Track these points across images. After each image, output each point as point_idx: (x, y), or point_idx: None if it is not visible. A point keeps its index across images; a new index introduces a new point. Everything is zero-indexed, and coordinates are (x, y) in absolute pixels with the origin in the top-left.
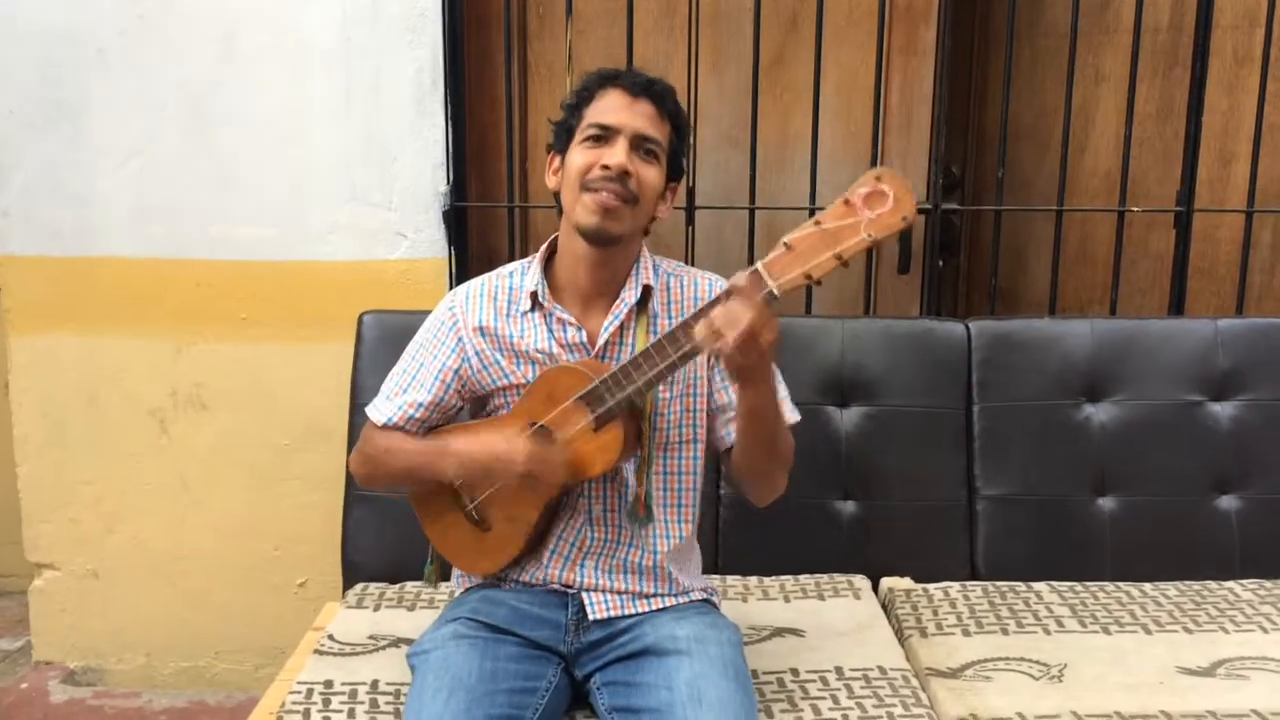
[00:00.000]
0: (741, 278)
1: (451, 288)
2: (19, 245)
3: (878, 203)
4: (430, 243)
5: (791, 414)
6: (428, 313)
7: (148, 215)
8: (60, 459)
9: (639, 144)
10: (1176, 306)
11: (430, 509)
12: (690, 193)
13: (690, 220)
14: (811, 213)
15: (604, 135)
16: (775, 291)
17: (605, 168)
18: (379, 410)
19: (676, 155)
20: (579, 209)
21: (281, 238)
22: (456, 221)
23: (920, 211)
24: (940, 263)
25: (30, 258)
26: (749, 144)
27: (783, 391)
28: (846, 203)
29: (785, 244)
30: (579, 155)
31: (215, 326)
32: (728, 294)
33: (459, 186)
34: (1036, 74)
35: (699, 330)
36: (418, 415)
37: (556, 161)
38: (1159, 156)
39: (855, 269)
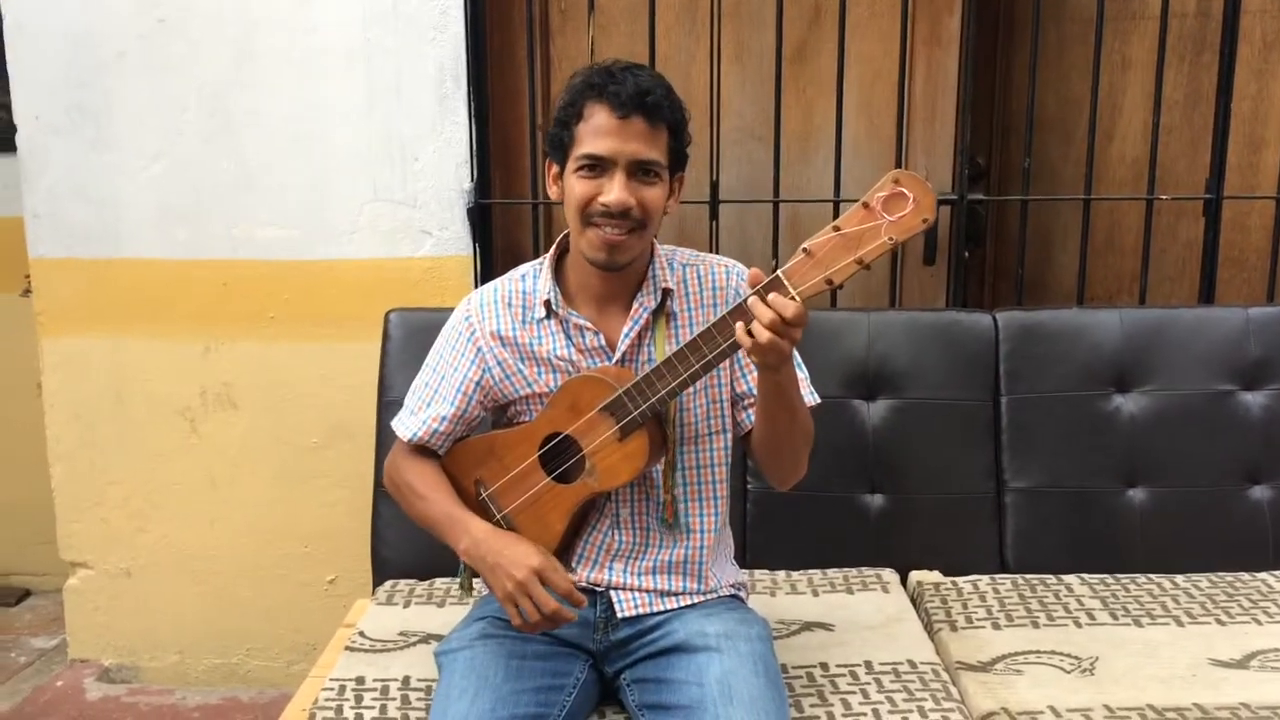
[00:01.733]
0: (759, 275)
1: (477, 284)
2: (48, 248)
3: (897, 206)
4: (455, 240)
5: (811, 396)
6: (453, 310)
7: (172, 217)
8: (92, 459)
9: (636, 169)
10: (1206, 295)
11: None
12: (714, 186)
13: (714, 214)
14: (836, 205)
15: (598, 165)
16: (796, 298)
17: (605, 205)
18: (405, 426)
19: (679, 154)
20: (584, 242)
21: (305, 237)
22: (481, 218)
23: (946, 202)
24: (966, 254)
25: (59, 260)
26: (772, 137)
27: (802, 373)
28: (865, 206)
29: (805, 250)
30: (576, 184)
31: (242, 326)
32: (767, 288)
33: (483, 184)
34: (1062, 62)
35: (739, 330)
36: (442, 429)
37: (555, 169)
38: (1187, 143)
39: (881, 261)
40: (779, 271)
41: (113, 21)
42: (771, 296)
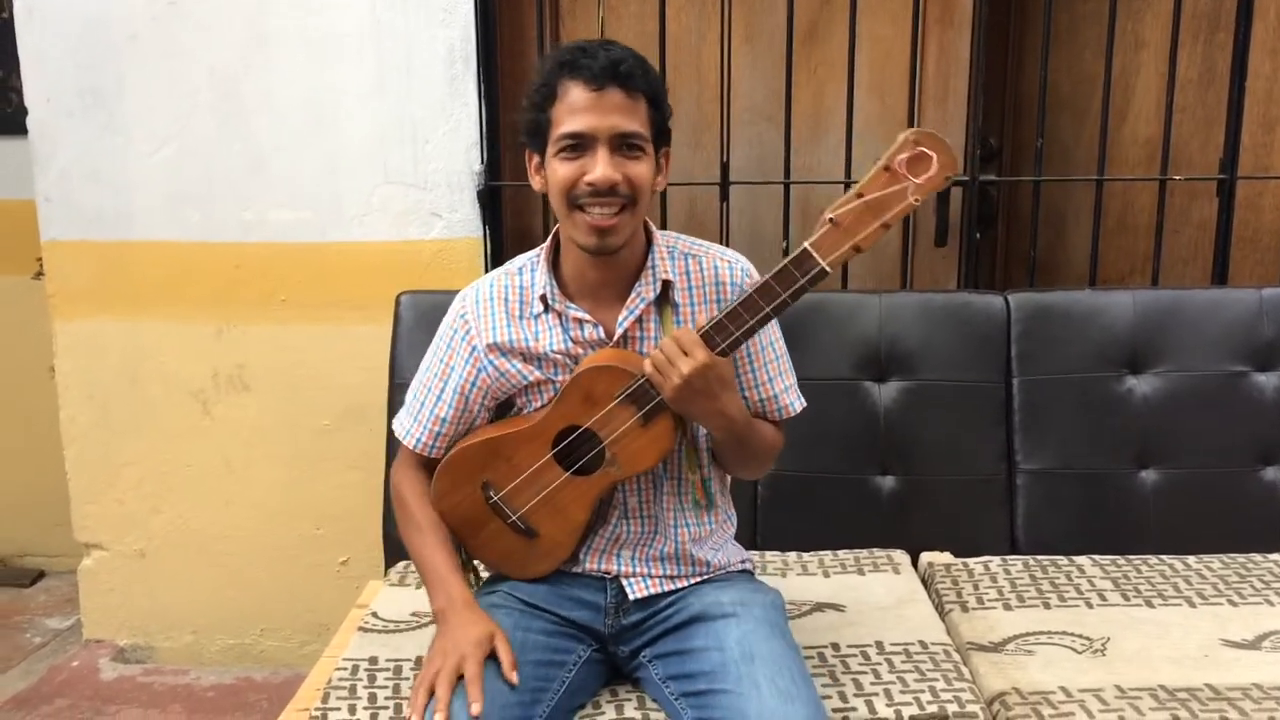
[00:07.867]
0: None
1: (487, 267)
2: (60, 230)
3: (921, 166)
4: (465, 222)
5: (794, 403)
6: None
7: (184, 199)
8: (106, 441)
9: (619, 143)
10: (1219, 276)
11: (468, 524)
12: (724, 168)
13: (725, 196)
14: (846, 186)
15: (579, 144)
16: (827, 269)
17: (591, 184)
18: (407, 431)
19: (661, 126)
20: (572, 228)
21: (316, 220)
22: (491, 201)
23: (958, 183)
24: (978, 235)
25: (72, 242)
26: (783, 118)
27: (786, 381)
28: (887, 170)
29: (831, 220)
30: (559, 167)
31: (254, 308)
32: (796, 262)
33: (493, 166)
34: (1075, 42)
35: (646, 366)
36: (444, 431)
37: (536, 160)
38: (1201, 123)
39: (892, 243)
40: (806, 244)
41: (124, 4)
42: (670, 348)
